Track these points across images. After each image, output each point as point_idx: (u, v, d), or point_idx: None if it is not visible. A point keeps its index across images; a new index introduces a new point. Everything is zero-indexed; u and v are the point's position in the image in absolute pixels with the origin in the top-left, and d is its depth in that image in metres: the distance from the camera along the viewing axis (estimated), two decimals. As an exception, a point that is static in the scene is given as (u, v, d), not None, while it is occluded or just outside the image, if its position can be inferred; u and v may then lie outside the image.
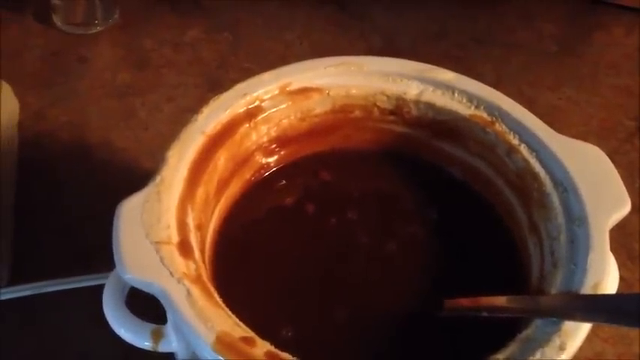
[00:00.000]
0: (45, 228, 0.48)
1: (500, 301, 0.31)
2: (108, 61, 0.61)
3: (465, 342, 0.31)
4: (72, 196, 0.50)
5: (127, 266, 0.29)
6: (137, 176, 0.50)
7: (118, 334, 0.33)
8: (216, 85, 0.58)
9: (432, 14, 0.67)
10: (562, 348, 0.27)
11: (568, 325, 0.28)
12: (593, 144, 0.35)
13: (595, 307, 0.28)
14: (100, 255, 0.32)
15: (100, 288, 0.34)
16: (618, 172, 0.34)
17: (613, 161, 0.34)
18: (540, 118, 0.36)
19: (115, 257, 0.30)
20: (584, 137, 0.35)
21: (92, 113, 0.56)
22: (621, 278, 0.33)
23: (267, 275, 0.35)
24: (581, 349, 0.30)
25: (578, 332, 0.28)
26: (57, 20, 0.63)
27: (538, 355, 0.27)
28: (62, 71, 0.59)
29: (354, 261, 0.36)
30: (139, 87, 0.58)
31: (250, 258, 0.36)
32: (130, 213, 0.31)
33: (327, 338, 0.33)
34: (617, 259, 0.32)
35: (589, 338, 0.40)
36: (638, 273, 0.47)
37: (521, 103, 0.37)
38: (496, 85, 0.38)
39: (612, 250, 0.31)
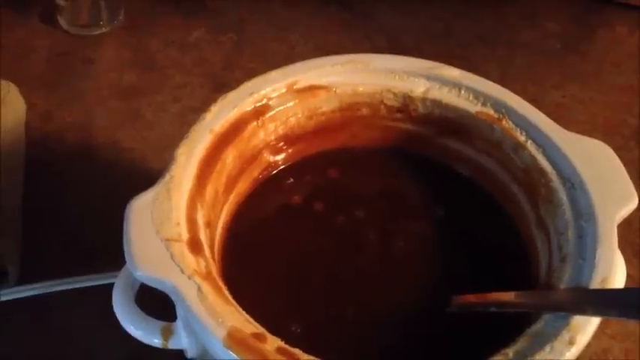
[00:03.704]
0: (52, 228, 0.48)
1: (509, 296, 0.31)
2: (113, 62, 0.61)
3: (475, 337, 0.31)
4: (79, 196, 0.51)
5: (137, 263, 0.29)
6: (143, 176, 0.50)
7: (128, 331, 0.33)
8: (222, 85, 0.58)
9: (436, 14, 0.67)
10: (571, 342, 0.27)
11: (577, 319, 0.28)
12: (598, 141, 0.35)
13: (607, 301, 0.28)
14: (107, 254, 0.32)
15: (107, 287, 0.34)
16: (623, 169, 0.34)
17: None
18: (545, 117, 0.36)
19: (126, 254, 0.30)
20: (588, 135, 0.35)
21: (98, 114, 0.56)
22: (628, 275, 0.33)
23: (276, 272, 0.35)
24: (588, 345, 0.30)
25: (587, 326, 0.28)
26: (62, 22, 0.63)
27: (547, 349, 0.27)
28: (68, 72, 0.60)
29: (362, 258, 0.36)
30: (145, 87, 0.59)
31: (259, 255, 0.36)
32: (141, 210, 0.31)
33: (336, 334, 0.33)
34: (623, 255, 0.32)
35: (596, 335, 0.40)
36: (644, 270, 0.47)
37: (525, 102, 0.37)
38: (500, 83, 0.38)
39: (618, 246, 0.31)
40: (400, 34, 0.65)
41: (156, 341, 0.33)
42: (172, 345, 0.33)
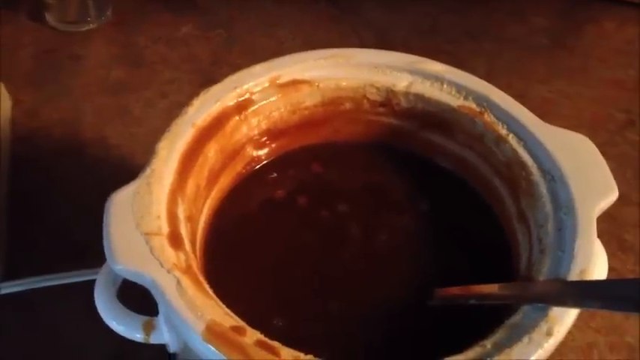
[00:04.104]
0: (38, 224, 0.48)
1: (490, 288, 0.31)
2: (101, 59, 0.61)
3: (456, 330, 0.32)
4: (66, 193, 0.51)
5: (117, 257, 0.29)
6: (131, 172, 0.50)
7: (110, 326, 0.33)
8: (210, 81, 0.56)
9: (423, 9, 0.67)
10: (549, 333, 0.28)
11: (555, 310, 0.28)
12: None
13: (585, 293, 0.28)
14: (95, 250, 0.32)
15: (94, 283, 0.34)
16: (609, 164, 0.34)
17: (604, 153, 0.34)
18: (531, 112, 0.36)
19: (106, 248, 0.30)
20: (575, 130, 0.35)
21: (86, 110, 0.56)
22: (612, 269, 0.33)
23: (259, 267, 0.35)
24: (573, 339, 0.30)
25: (565, 318, 0.28)
26: (50, 18, 0.63)
27: (525, 340, 0.27)
28: (55, 69, 0.60)
29: (345, 252, 0.36)
30: (133, 84, 0.59)
31: (242, 250, 0.36)
32: (121, 204, 0.31)
33: (319, 328, 0.33)
34: (608, 249, 0.33)
35: (581, 329, 0.40)
36: (629, 263, 0.48)
37: (512, 97, 0.37)
38: (487, 78, 0.38)
39: (603, 241, 0.32)
40: (388, 29, 0.65)
41: (138, 336, 0.33)
42: (154, 340, 0.33)
